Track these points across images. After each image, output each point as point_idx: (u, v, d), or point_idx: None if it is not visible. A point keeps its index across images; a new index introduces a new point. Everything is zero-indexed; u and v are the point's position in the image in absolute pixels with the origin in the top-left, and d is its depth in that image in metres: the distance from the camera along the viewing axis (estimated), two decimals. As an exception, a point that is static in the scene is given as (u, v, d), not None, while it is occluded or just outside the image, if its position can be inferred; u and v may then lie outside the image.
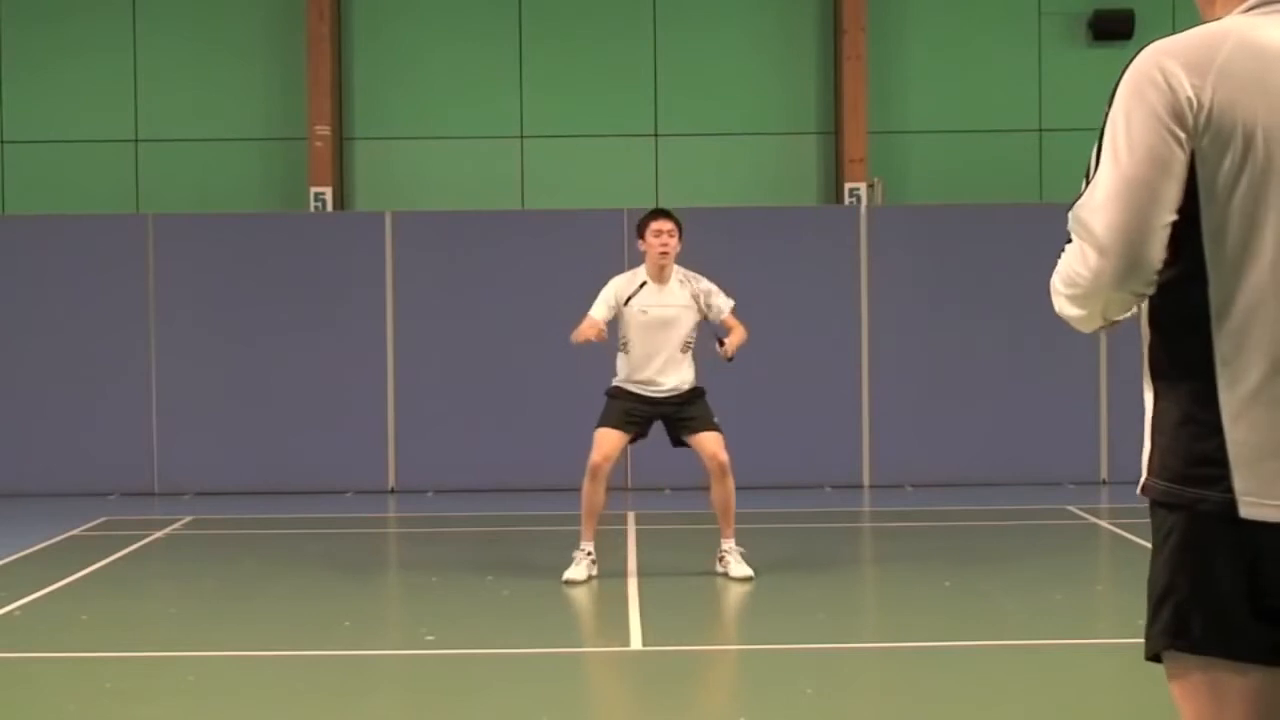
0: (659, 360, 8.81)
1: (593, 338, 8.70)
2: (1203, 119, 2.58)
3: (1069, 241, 2.70)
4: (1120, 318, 2.74)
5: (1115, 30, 14.34)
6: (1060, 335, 13.52)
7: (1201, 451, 2.61)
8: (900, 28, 14.55)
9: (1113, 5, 14.40)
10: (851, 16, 14.14)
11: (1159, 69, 2.60)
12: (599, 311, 8.84)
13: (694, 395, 8.93)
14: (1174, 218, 2.60)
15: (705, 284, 8.97)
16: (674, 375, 8.85)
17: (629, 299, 8.83)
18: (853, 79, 14.12)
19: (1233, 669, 2.63)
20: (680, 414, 8.88)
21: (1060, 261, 2.72)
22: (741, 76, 14.62)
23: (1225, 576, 2.61)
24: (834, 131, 14.52)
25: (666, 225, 8.89)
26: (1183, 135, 2.58)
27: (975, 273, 13.42)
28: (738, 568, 8.89)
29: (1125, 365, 13.08)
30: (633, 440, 9.03)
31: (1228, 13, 2.73)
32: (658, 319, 8.80)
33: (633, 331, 8.84)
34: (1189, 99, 2.58)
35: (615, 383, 8.96)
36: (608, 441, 8.81)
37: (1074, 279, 2.67)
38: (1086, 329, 2.78)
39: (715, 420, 8.93)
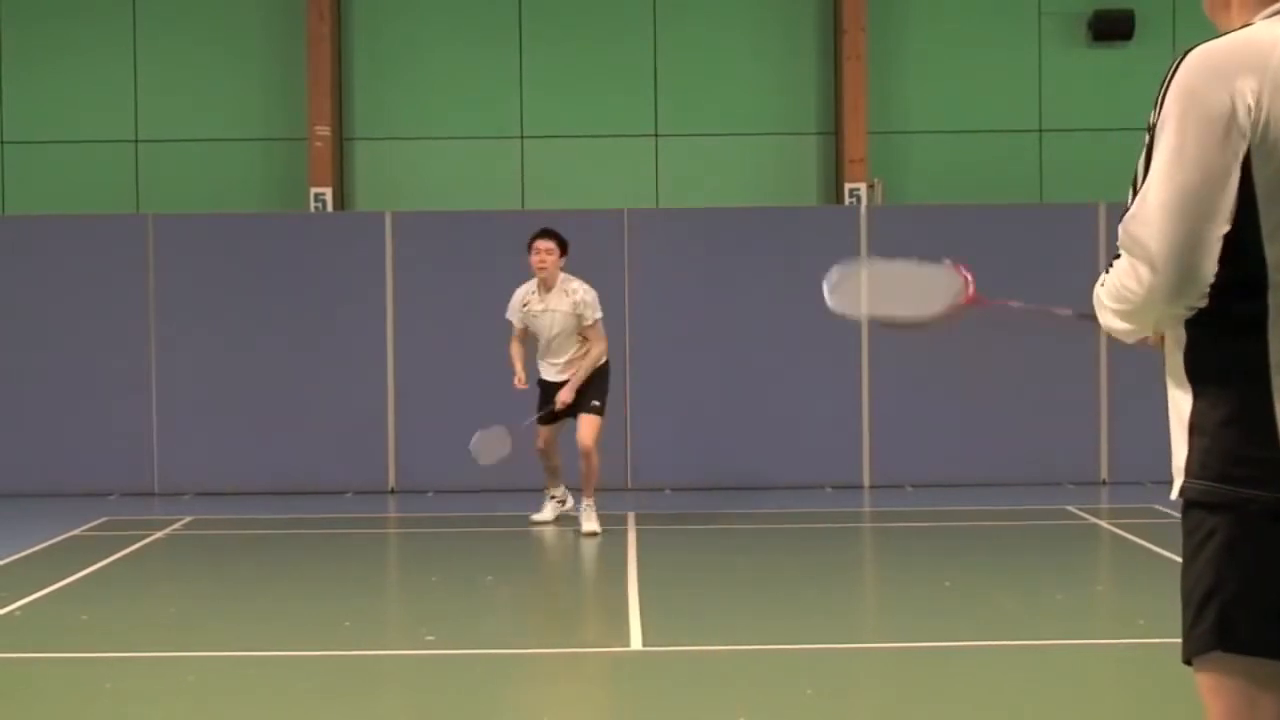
0: (552, 347, 10.68)
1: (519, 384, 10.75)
2: (1260, 126, 2.53)
3: (1117, 256, 2.64)
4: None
5: (1115, 30, 14.34)
6: (1060, 335, 13.53)
7: (1250, 452, 2.58)
8: (900, 28, 14.56)
9: (1113, 5, 14.40)
10: (851, 16, 14.14)
11: (1213, 74, 2.55)
12: (513, 317, 10.80)
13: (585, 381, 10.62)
14: (1228, 229, 2.54)
15: (583, 295, 10.62)
16: (564, 360, 10.67)
17: (525, 304, 10.73)
18: (853, 79, 14.12)
19: (1275, 670, 2.61)
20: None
21: (1109, 276, 2.66)
22: (741, 76, 14.62)
23: (1273, 577, 2.59)
24: (834, 131, 14.52)
25: (545, 244, 10.63)
26: (1240, 143, 2.53)
27: (975, 273, 13.39)
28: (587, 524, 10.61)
29: (1125, 365, 13.08)
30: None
31: (1246, 19, 2.69)
32: (546, 321, 10.64)
33: (531, 328, 10.75)
34: (1248, 106, 2.53)
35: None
36: (544, 431, 10.94)
37: (1125, 295, 2.61)
38: (1132, 340, 2.74)
39: (595, 403, 10.64)
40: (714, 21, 14.60)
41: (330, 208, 14.07)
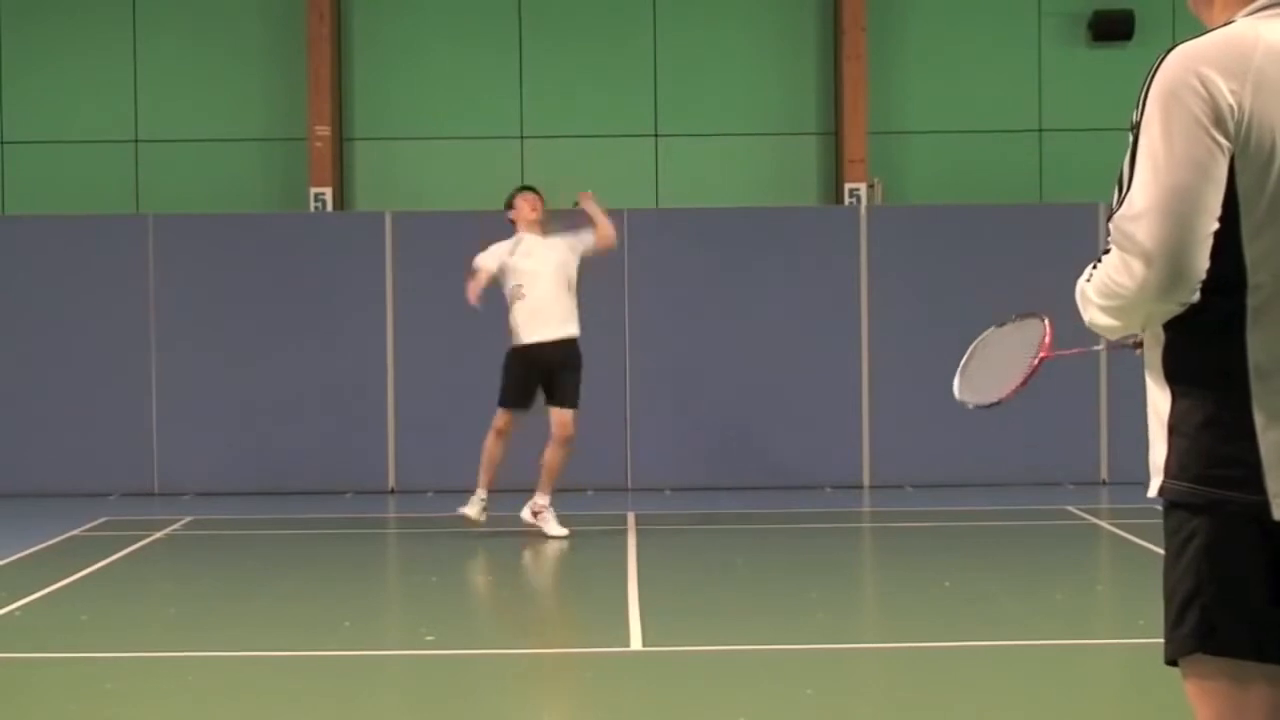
0: (549, 300, 10.25)
1: (483, 283, 10.25)
2: (1244, 125, 2.54)
3: (1106, 252, 2.65)
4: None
5: (1115, 30, 14.34)
6: (1060, 335, 13.49)
7: (1229, 453, 2.58)
8: (900, 28, 14.55)
9: (1113, 5, 14.39)
10: (851, 16, 14.13)
11: (1195, 74, 2.55)
12: (488, 260, 10.39)
13: (571, 356, 10.31)
14: (1217, 225, 2.55)
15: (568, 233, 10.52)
16: (560, 317, 10.28)
17: (513, 251, 10.41)
18: (853, 79, 14.11)
19: (1259, 671, 2.61)
20: (556, 379, 10.27)
21: (1096, 272, 2.66)
22: (741, 76, 14.61)
23: (1254, 578, 2.59)
24: (834, 131, 14.51)
25: (531, 195, 10.65)
26: (1224, 141, 2.54)
27: (975, 273, 13.41)
28: (554, 527, 10.25)
29: (1125, 366, 13.07)
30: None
31: (1230, 16, 2.70)
32: (542, 259, 10.32)
33: (524, 276, 10.30)
34: (1230, 105, 2.53)
35: (513, 343, 10.37)
36: (506, 417, 10.41)
37: (1114, 291, 2.62)
38: (1114, 337, 2.74)
39: (577, 400, 10.30)
40: (714, 21, 14.59)
41: (330, 208, 14.07)
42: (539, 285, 10.28)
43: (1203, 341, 2.62)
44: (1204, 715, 2.66)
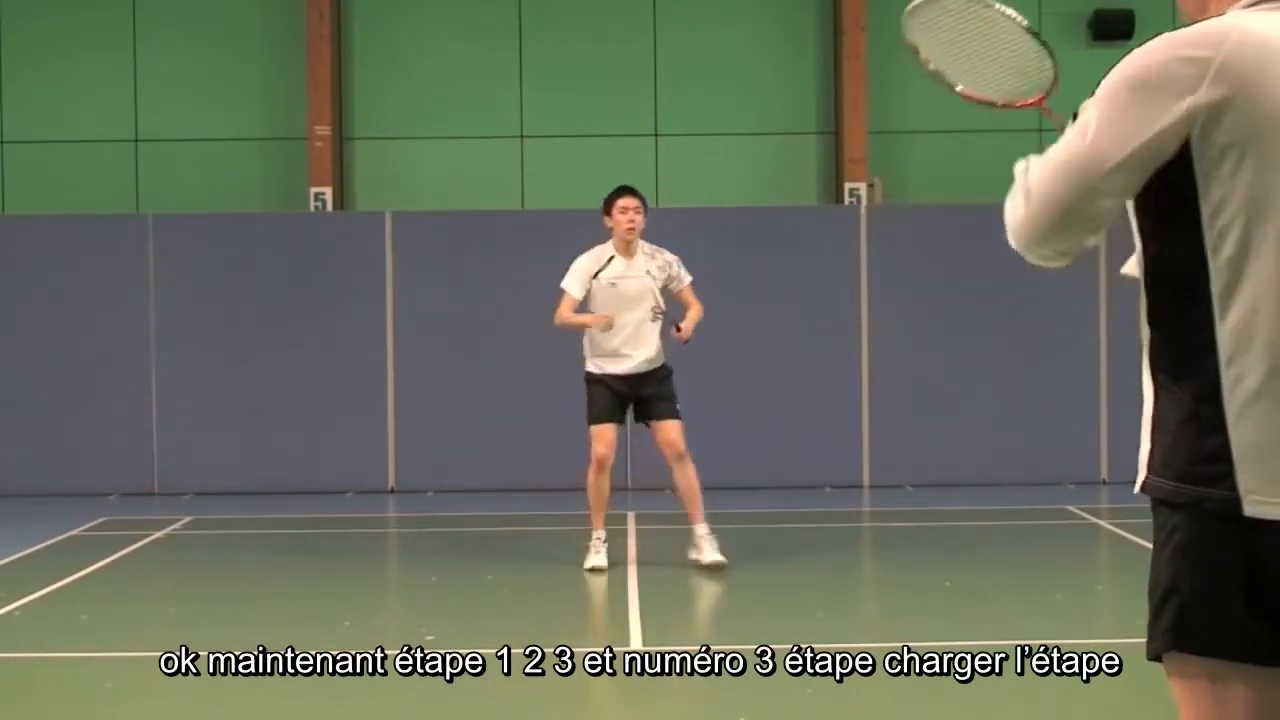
0: (628, 330, 9.16)
1: (599, 325, 9.07)
2: (1202, 113, 2.53)
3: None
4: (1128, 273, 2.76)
5: (1115, 30, 14.35)
6: (1060, 335, 13.54)
7: (1204, 449, 2.58)
8: (900, 28, 14.53)
9: (1113, 5, 14.40)
10: (851, 16, 14.14)
11: (1160, 60, 2.56)
12: (573, 287, 9.22)
13: (662, 375, 9.29)
14: (1110, 205, 2.61)
15: (669, 256, 9.37)
16: (643, 346, 9.21)
17: (597, 273, 9.21)
18: (853, 79, 14.12)
19: (1235, 670, 2.60)
20: (648, 393, 9.23)
21: (1016, 181, 2.80)
22: (741, 76, 14.62)
23: (1228, 576, 2.58)
24: (834, 131, 14.52)
25: (633, 203, 9.24)
26: (1168, 130, 2.54)
27: (975, 273, 13.42)
28: (710, 554, 9.07)
29: (1125, 365, 13.07)
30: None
31: (1221, 12, 2.70)
32: (624, 291, 9.20)
33: (601, 305, 9.21)
34: (1190, 99, 2.53)
35: (589, 365, 9.28)
36: (607, 433, 9.20)
37: (1006, 213, 2.82)
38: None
39: (678, 407, 9.28)
40: (714, 21, 14.60)
41: (330, 208, 14.08)
42: None
43: (1178, 339, 2.63)
44: (1187, 713, 2.66)
